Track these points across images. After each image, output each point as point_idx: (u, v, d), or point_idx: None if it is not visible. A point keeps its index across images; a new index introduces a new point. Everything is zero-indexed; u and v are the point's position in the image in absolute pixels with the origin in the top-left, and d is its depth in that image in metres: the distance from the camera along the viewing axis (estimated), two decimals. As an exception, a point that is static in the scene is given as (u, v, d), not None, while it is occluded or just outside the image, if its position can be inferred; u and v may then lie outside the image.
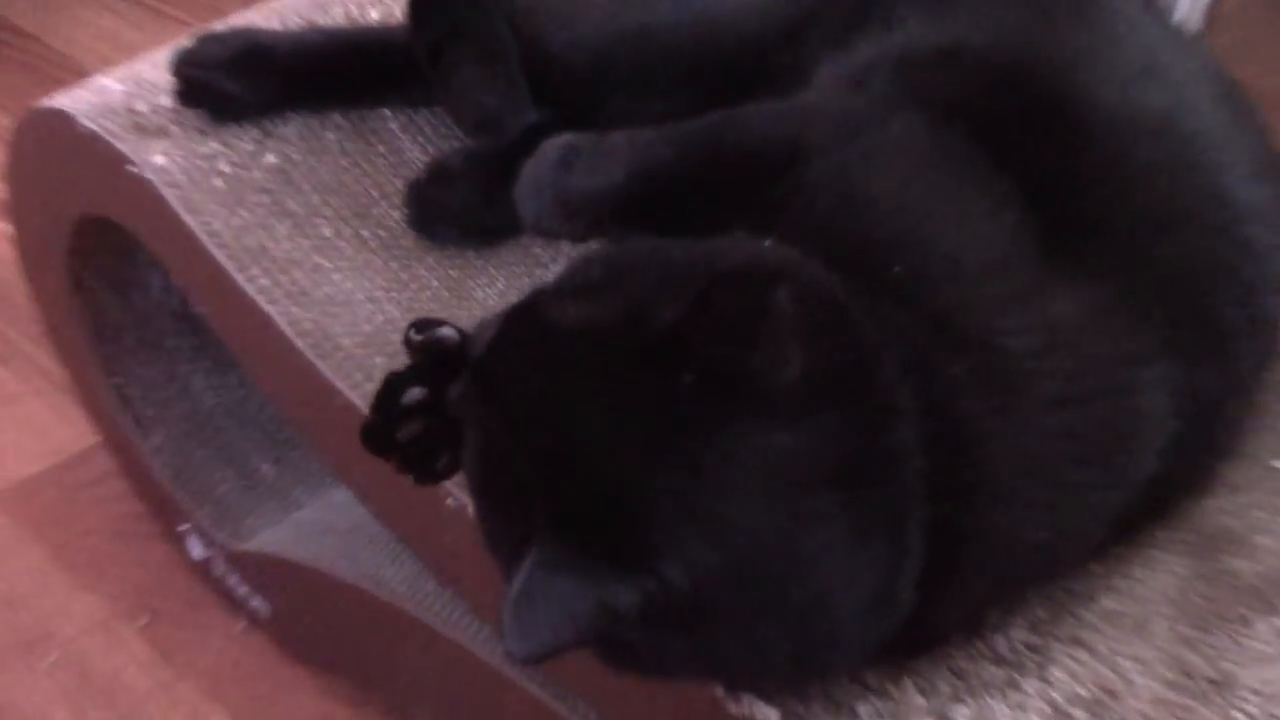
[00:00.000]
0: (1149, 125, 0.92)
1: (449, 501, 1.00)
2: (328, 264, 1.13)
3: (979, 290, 0.84)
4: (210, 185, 1.14)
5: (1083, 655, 0.88)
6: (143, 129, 1.17)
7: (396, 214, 1.18)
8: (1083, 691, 0.86)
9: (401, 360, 1.02)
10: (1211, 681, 0.86)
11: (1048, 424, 0.82)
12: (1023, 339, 0.82)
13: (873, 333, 0.77)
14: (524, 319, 0.80)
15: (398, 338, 1.07)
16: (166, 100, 1.19)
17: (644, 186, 0.95)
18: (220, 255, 1.11)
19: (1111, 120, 0.91)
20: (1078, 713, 0.85)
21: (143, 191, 1.15)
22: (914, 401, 0.77)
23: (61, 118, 1.19)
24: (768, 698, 0.84)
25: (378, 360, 1.06)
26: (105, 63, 1.33)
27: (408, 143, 1.24)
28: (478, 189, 1.17)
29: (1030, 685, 0.86)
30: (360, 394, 1.05)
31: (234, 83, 1.19)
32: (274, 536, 1.40)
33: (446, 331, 0.89)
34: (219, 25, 1.23)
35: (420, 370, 0.89)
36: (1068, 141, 0.91)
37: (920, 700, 0.85)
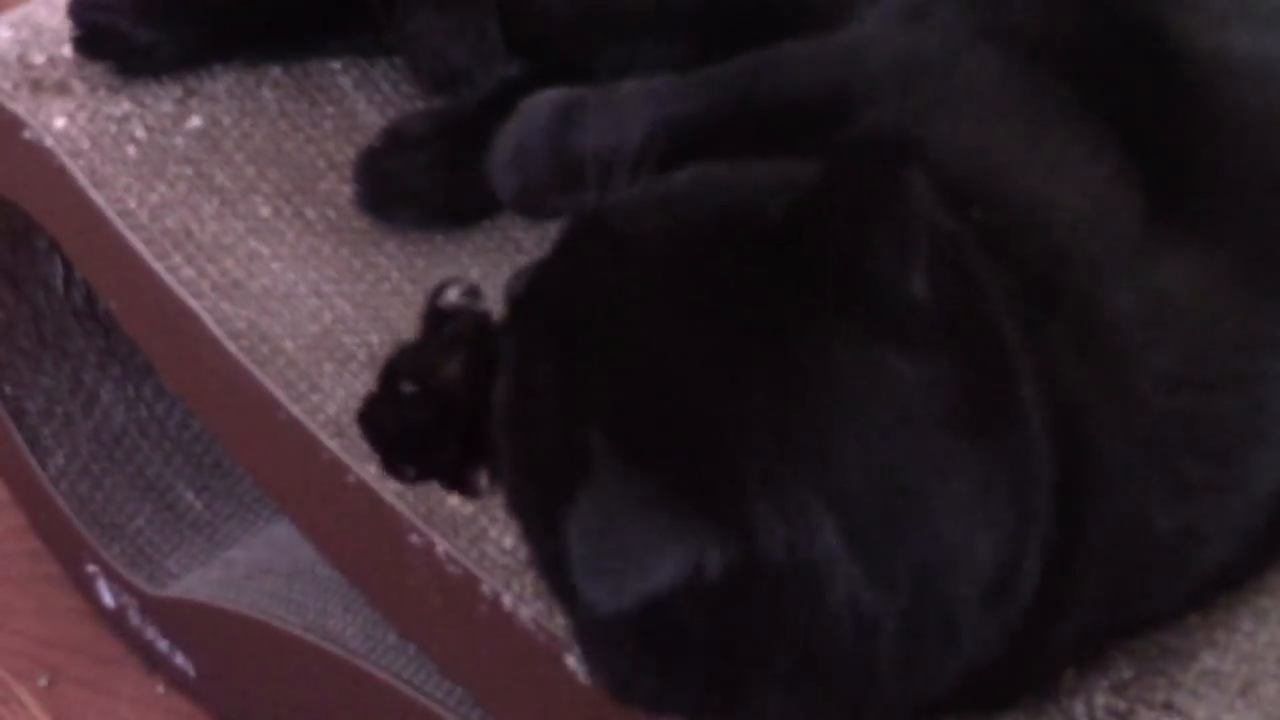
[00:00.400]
0: (1254, 71, 0.93)
1: (413, 538, 0.99)
2: (265, 250, 1.12)
3: (1074, 241, 0.84)
4: (122, 154, 1.14)
5: (1178, 723, 0.88)
6: (40, 85, 1.17)
7: (348, 189, 1.18)
8: (1177, 766, 0.86)
9: (354, 367, 1.03)
10: (1331, 755, 0.86)
11: (1159, 405, 0.82)
12: (1128, 300, 0.83)
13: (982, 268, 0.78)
14: (586, 229, 0.79)
15: (349, 339, 1.07)
16: (69, 51, 1.19)
17: (667, 145, 0.92)
18: (135, 239, 1.11)
19: (1212, 63, 0.92)
20: (1171, 792, 0.85)
21: (40, 162, 1.14)
22: (1027, 355, 0.77)
23: (-60, 72, 1.19)
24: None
25: (326, 366, 1.06)
26: (-6, 6, 1.33)
27: (362, 103, 1.23)
28: (444, 159, 1.16)
29: (1114, 759, 0.86)
30: (305, 407, 1.04)
31: (144, 28, 1.18)
32: (200, 580, 1.39)
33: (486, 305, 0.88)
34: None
35: (433, 347, 0.88)
36: (1164, 84, 0.91)
37: (983, 779, 0.85)
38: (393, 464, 0.91)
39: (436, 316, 0.89)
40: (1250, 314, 0.86)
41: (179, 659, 1.40)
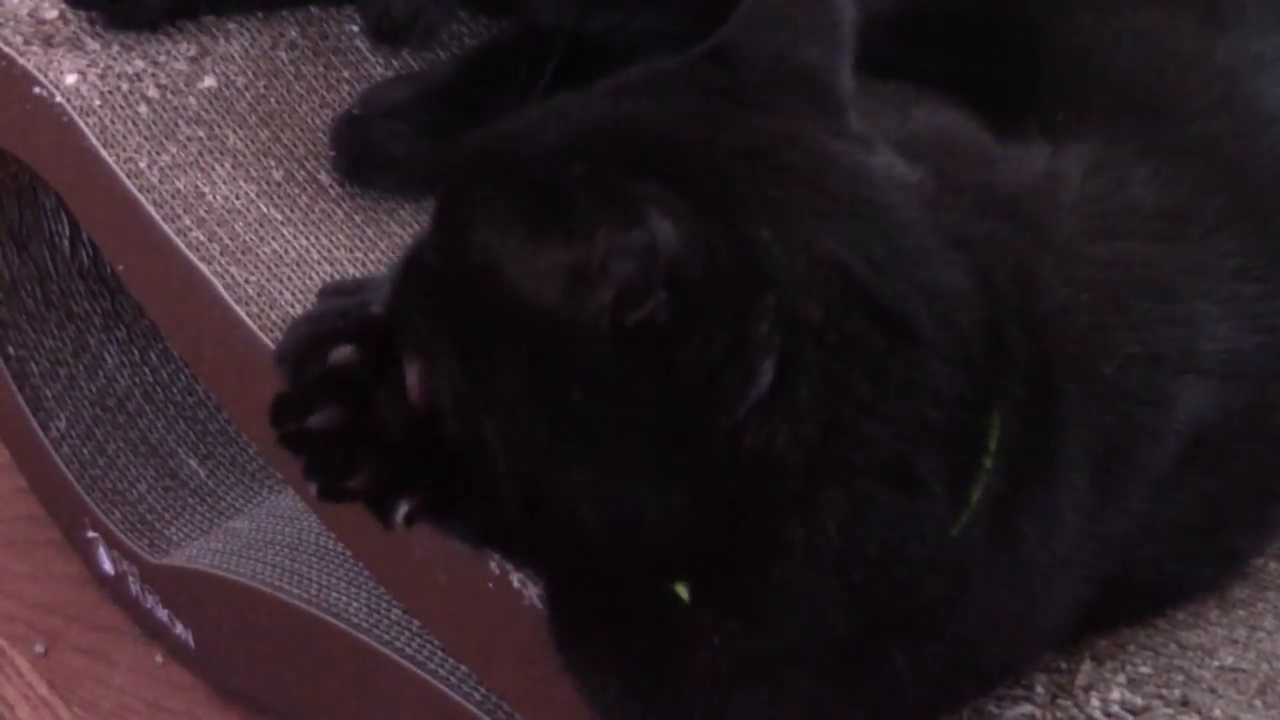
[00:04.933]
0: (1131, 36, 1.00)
1: (420, 512, 0.99)
2: (277, 215, 1.13)
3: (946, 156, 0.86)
4: (134, 113, 1.14)
5: (1194, 720, 0.89)
6: (52, 41, 1.17)
7: (363, 155, 1.18)
8: (1195, 763, 0.86)
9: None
10: (1350, 755, 0.86)
11: (1084, 252, 0.84)
12: (1016, 180, 0.86)
13: None
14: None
15: (361, 308, 1.08)
16: (82, 6, 1.19)
17: None
18: (144, 200, 1.11)
19: (1079, 34, 0.99)
20: (1188, 788, 0.85)
21: (50, 119, 1.14)
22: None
23: (-52, 26, 1.19)
24: None
25: (336, 335, 1.06)
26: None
27: (379, 66, 1.24)
28: (422, 127, 1.16)
29: (1132, 755, 0.87)
30: (314, 376, 1.04)
31: None
32: (202, 549, 1.40)
33: (340, 354, 0.85)
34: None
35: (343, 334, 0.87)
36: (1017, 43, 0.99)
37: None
38: (317, 473, 0.86)
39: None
40: (1157, 189, 0.89)
41: (178, 629, 1.41)
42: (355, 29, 1.24)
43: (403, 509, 0.85)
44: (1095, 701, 0.89)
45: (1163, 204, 0.89)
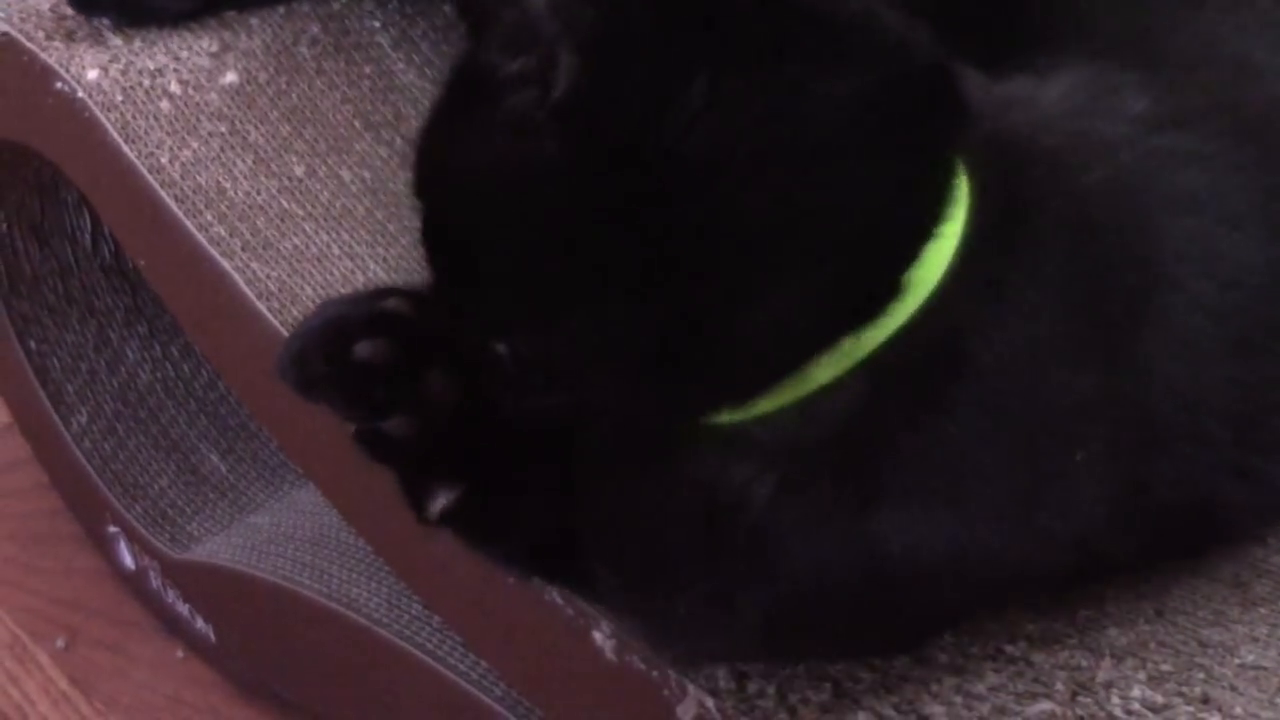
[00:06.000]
0: None
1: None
2: (298, 210, 1.13)
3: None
4: (155, 108, 1.15)
5: (1214, 718, 0.88)
6: (73, 36, 1.17)
7: (384, 150, 1.18)
8: (1216, 762, 0.86)
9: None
10: (1373, 754, 0.86)
11: (1062, 122, 0.84)
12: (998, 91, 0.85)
13: None
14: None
15: (382, 302, 1.08)
16: (105, 1, 1.19)
17: None
18: (166, 196, 1.11)
19: None
20: (1210, 786, 0.85)
21: (71, 114, 1.15)
22: None
23: (-29, 21, 1.19)
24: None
25: (357, 330, 1.06)
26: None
27: (400, 62, 1.24)
28: None
29: (1154, 753, 0.87)
30: (335, 371, 1.05)
31: None
32: (222, 544, 1.40)
33: (393, 303, 0.84)
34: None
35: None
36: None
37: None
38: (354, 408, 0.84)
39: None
40: (1152, 99, 0.88)
41: (199, 624, 1.41)
42: (377, 25, 1.25)
43: (440, 500, 0.83)
44: (1116, 699, 0.89)
45: (1157, 110, 0.88)
